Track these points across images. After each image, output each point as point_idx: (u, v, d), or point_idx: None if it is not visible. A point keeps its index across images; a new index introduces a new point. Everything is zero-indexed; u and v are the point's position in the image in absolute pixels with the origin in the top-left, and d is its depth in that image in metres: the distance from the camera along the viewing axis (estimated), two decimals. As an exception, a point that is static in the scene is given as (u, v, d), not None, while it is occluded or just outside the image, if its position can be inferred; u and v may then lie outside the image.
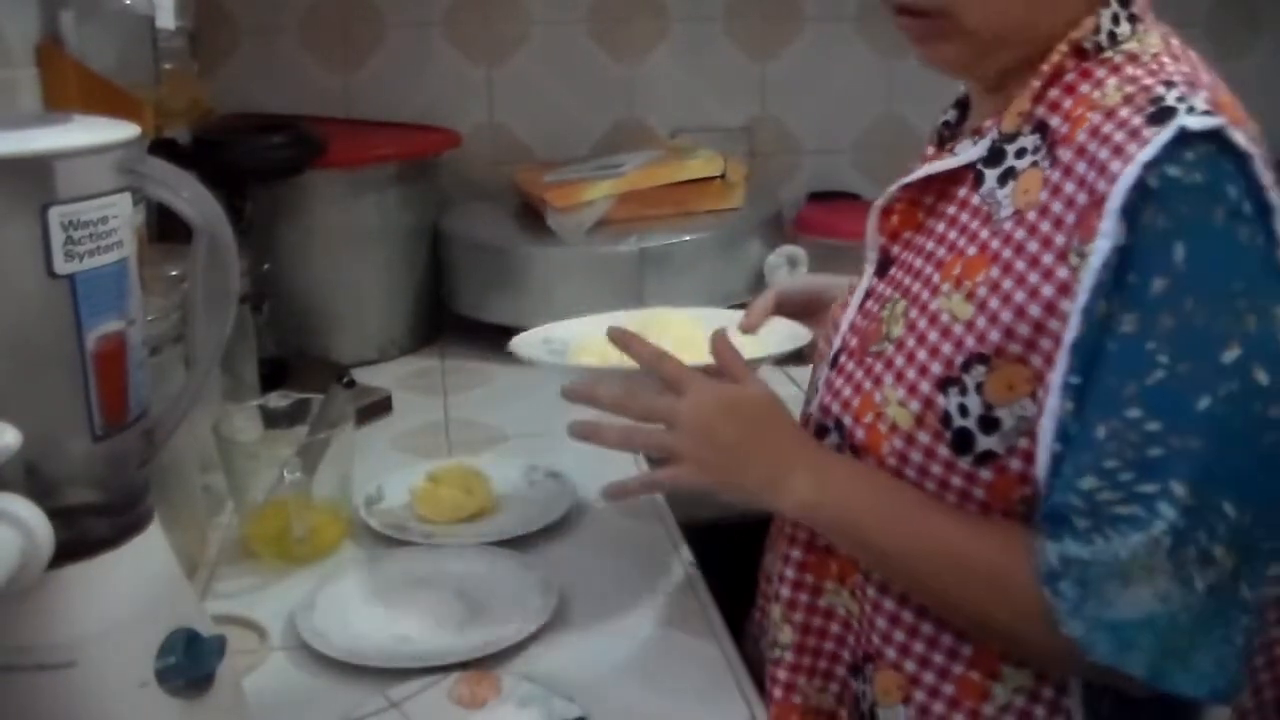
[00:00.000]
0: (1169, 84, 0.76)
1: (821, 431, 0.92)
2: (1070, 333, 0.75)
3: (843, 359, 0.91)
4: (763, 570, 1.05)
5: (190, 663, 0.72)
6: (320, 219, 1.61)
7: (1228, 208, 0.72)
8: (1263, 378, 0.71)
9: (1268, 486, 0.72)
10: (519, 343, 1.11)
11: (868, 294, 0.93)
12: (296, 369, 1.51)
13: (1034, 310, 0.78)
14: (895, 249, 0.92)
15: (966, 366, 0.81)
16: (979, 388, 0.80)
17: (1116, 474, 0.73)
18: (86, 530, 0.70)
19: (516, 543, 1.14)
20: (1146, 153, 0.72)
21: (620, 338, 0.96)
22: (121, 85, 1.12)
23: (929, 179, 0.90)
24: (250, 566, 1.12)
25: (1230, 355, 0.71)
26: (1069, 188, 0.78)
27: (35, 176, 0.65)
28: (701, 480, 0.90)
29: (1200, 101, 0.74)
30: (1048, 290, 0.77)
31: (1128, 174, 0.72)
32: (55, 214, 0.65)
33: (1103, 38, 0.82)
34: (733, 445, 0.89)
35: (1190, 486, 0.71)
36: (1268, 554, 0.73)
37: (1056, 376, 0.76)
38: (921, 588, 0.85)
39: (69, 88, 1.08)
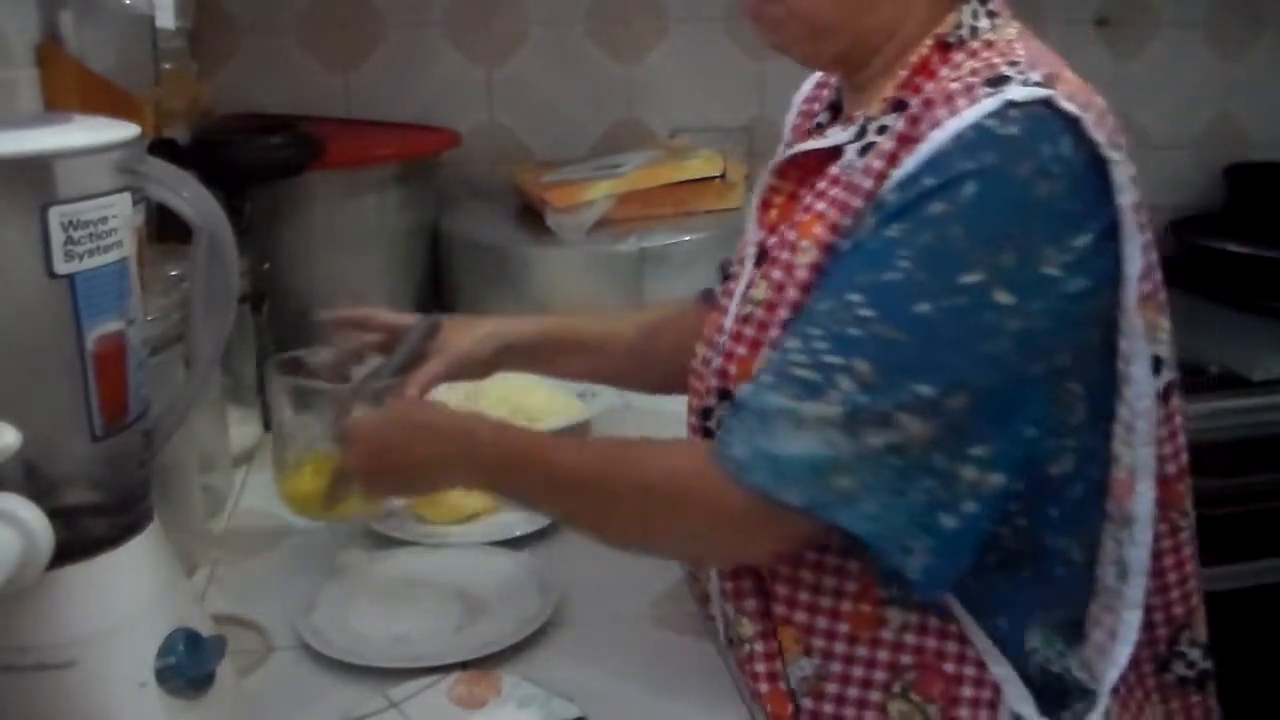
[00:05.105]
0: (1013, 62, 0.83)
1: (709, 412, 0.93)
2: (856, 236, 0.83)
3: (728, 343, 0.92)
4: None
5: (190, 663, 0.72)
6: (320, 219, 1.61)
7: (1036, 163, 0.78)
8: (1004, 298, 0.78)
9: (984, 382, 0.79)
10: None
11: (749, 286, 0.94)
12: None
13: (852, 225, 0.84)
14: (771, 240, 0.92)
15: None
16: None
17: (813, 340, 0.80)
18: (86, 530, 0.70)
19: (516, 543, 1.14)
20: (974, 111, 0.79)
21: None
22: (121, 85, 1.12)
23: (803, 170, 0.93)
24: (250, 566, 1.12)
25: (969, 279, 0.77)
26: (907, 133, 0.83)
27: (35, 176, 0.65)
28: (376, 492, 1.01)
29: (1036, 75, 0.80)
30: (860, 204, 0.83)
31: (950, 126, 0.79)
32: (55, 214, 0.65)
33: (964, 31, 0.88)
34: (394, 461, 0.95)
35: (875, 365, 0.78)
36: (975, 435, 0.79)
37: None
38: (619, 520, 0.90)
39: (69, 88, 1.07)
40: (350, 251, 1.63)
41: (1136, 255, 0.81)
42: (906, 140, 0.82)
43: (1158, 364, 0.85)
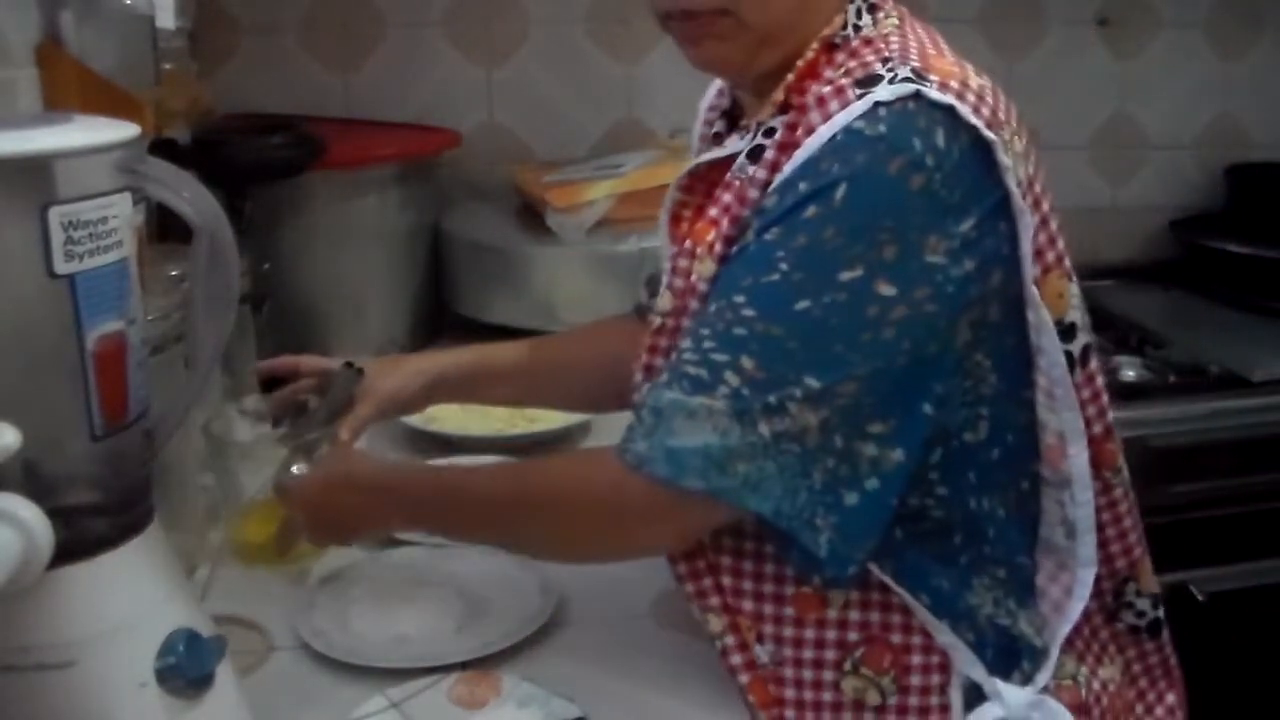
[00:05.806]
0: (886, 60, 0.83)
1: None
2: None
3: (645, 356, 0.93)
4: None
5: (190, 663, 0.72)
6: (320, 219, 1.61)
7: (907, 158, 0.78)
8: (887, 290, 0.79)
9: (873, 368, 0.80)
10: None
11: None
12: (296, 369, 1.50)
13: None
14: (681, 261, 0.91)
15: None
16: None
17: (703, 340, 0.82)
18: (86, 530, 0.70)
19: (516, 543, 1.14)
20: (844, 115, 0.80)
21: None
22: (121, 85, 1.12)
23: (708, 182, 0.94)
24: (250, 567, 1.12)
25: (848, 275, 0.79)
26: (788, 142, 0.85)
27: (35, 176, 0.65)
28: (323, 543, 1.04)
29: (905, 70, 0.81)
30: (747, 214, 0.85)
31: (823, 130, 0.81)
32: (55, 214, 0.65)
33: (849, 31, 0.89)
34: (329, 515, 0.99)
35: (759, 361, 0.80)
36: (873, 415, 0.81)
37: None
38: (538, 532, 0.92)
39: (69, 88, 1.07)
40: (350, 251, 1.63)
41: (1029, 231, 0.82)
42: (786, 147, 0.84)
43: (1072, 329, 0.87)
